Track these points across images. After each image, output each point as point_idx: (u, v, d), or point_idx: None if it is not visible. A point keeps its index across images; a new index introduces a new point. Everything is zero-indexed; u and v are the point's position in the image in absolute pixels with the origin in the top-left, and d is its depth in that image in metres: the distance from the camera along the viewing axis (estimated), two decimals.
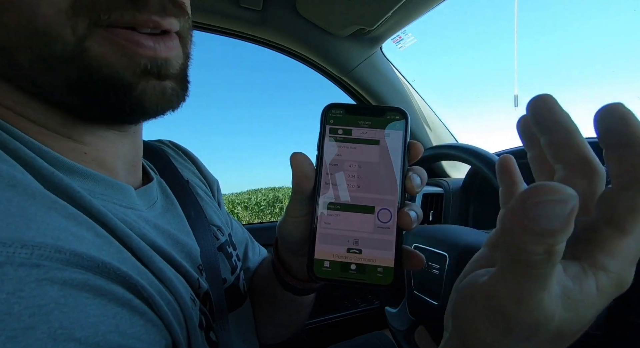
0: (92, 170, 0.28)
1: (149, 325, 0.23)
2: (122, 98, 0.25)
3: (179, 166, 0.44)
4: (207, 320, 0.32)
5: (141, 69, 0.24)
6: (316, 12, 0.83)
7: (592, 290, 0.16)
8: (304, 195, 0.28)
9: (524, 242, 0.14)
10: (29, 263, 0.18)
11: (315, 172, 0.27)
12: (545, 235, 0.14)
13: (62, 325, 0.18)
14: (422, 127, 1.11)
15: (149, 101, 0.25)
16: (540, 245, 0.14)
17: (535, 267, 0.15)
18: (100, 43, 0.23)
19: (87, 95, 0.25)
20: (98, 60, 0.23)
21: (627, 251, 0.16)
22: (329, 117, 0.28)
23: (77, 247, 0.21)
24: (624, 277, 0.17)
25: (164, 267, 0.28)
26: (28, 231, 0.19)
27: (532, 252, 0.14)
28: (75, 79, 0.24)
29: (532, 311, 0.16)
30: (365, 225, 0.27)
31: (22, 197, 0.21)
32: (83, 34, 0.23)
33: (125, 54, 0.24)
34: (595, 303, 0.17)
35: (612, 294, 0.17)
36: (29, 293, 0.18)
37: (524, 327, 0.16)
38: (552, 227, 0.14)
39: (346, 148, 0.27)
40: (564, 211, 0.14)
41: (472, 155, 0.57)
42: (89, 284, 0.20)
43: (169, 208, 0.37)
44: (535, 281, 0.15)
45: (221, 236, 0.42)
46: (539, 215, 0.14)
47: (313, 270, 0.27)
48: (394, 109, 0.28)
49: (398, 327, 0.68)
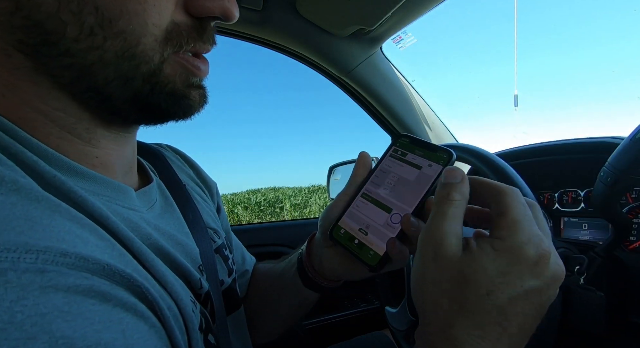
0: (94, 171, 0.29)
1: (152, 330, 0.23)
2: (180, 106, 0.30)
3: (177, 169, 0.45)
4: (207, 322, 0.32)
5: (192, 85, 0.31)
6: (316, 12, 0.83)
7: (487, 247, 0.25)
8: (356, 180, 0.38)
9: (438, 189, 0.28)
10: (34, 268, 0.18)
11: (371, 169, 0.38)
12: (447, 185, 0.28)
13: (64, 335, 0.18)
14: (422, 127, 1.11)
15: (198, 104, 0.32)
16: (444, 190, 0.28)
17: (439, 203, 0.27)
18: (172, 66, 0.29)
19: (148, 103, 0.29)
20: (167, 78, 0.28)
21: (508, 224, 0.25)
22: (397, 141, 0.38)
23: (82, 250, 0.21)
24: (515, 245, 0.24)
25: (165, 270, 0.28)
26: (33, 235, 0.19)
27: (439, 194, 0.28)
28: (146, 93, 0.28)
29: (433, 230, 0.26)
30: (380, 218, 0.35)
31: (26, 201, 0.21)
32: (165, 58, 0.28)
33: (187, 75, 0.30)
34: (495, 260, 0.24)
35: (511, 258, 0.24)
36: (33, 301, 0.18)
37: (429, 246, 0.26)
38: (450, 181, 0.28)
39: (397, 164, 0.36)
40: (457, 175, 0.28)
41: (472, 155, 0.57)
42: (94, 290, 0.20)
43: (168, 210, 0.37)
44: (437, 212, 0.27)
45: (217, 239, 0.43)
46: (445, 175, 0.28)
47: (332, 231, 0.37)
48: (445, 149, 0.34)
49: (398, 327, 0.68)
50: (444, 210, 0.27)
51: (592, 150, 0.68)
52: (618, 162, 0.48)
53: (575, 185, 0.73)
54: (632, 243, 0.61)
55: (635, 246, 0.61)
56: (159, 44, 0.27)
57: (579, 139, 0.72)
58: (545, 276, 0.24)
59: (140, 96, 0.28)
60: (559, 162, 0.75)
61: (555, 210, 0.75)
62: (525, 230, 0.25)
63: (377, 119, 1.11)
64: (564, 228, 0.74)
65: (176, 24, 0.28)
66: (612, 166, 0.49)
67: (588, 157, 0.69)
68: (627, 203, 0.64)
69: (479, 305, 0.23)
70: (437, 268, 0.25)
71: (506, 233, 0.25)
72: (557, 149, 0.75)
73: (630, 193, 0.64)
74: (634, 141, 0.47)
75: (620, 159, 0.48)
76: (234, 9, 0.30)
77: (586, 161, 0.69)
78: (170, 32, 0.27)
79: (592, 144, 0.69)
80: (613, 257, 0.59)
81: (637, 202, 0.63)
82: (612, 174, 0.48)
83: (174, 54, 0.28)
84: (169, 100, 0.29)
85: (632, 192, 0.64)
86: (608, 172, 0.49)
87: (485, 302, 0.23)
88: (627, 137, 0.48)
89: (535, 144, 0.81)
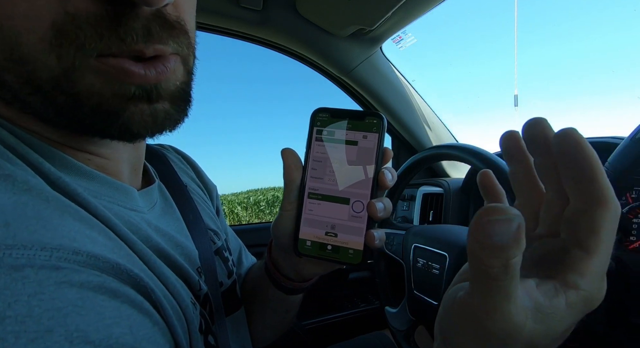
0: (98, 172, 0.29)
1: (156, 327, 0.24)
2: (110, 124, 0.24)
3: (179, 171, 0.45)
4: (207, 323, 0.33)
5: (129, 96, 0.24)
6: (316, 12, 0.83)
7: (562, 306, 0.18)
8: (294, 185, 0.32)
9: (482, 257, 0.16)
10: (49, 265, 0.19)
11: (303, 165, 0.32)
12: (498, 250, 0.16)
13: (79, 328, 0.18)
14: (422, 127, 1.11)
15: (137, 126, 0.25)
16: (496, 259, 0.16)
17: (496, 280, 0.17)
18: (90, 72, 0.22)
19: (75, 119, 0.24)
20: (88, 89, 0.23)
21: (594, 269, 0.18)
22: (316, 120, 0.32)
23: (93, 249, 0.21)
24: (594, 293, 0.18)
25: (165, 270, 0.28)
26: (46, 233, 0.20)
27: (490, 265, 0.16)
28: (63, 104, 0.23)
29: (500, 321, 0.17)
30: (341, 213, 0.31)
31: (37, 200, 0.21)
32: (72, 63, 0.22)
33: (113, 83, 0.23)
34: (565, 317, 0.18)
35: (583, 310, 0.18)
36: (49, 296, 0.18)
37: (496, 337, 0.18)
38: (502, 242, 0.16)
39: (329, 147, 0.32)
40: (510, 228, 0.16)
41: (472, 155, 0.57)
42: (105, 286, 0.21)
43: (168, 211, 0.37)
44: (498, 293, 0.17)
45: (217, 240, 0.43)
46: (490, 232, 0.16)
47: (297, 248, 0.32)
48: (372, 113, 0.31)
49: (398, 327, 0.68)
50: (507, 289, 0.17)
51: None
52: (618, 162, 0.48)
53: None
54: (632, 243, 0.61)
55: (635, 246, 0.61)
56: (49, 43, 0.21)
57: None
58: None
59: (64, 111, 0.24)
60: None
61: None
62: (604, 274, 0.18)
63: None
64: None
65: (70, 15, 0.21)
66: (612, 166, 0.49)
67: None
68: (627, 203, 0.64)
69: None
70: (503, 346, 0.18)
71: (587, 282, 0.18)
72: None
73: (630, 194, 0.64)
74: (634, 141, 0.47)
75: (620, 159, 0.48)
76: None
77: None
78: (62, 29, 0.21)
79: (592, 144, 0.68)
80: (613, 257, 0.59)
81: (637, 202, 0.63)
82: (612, 174, 0.49)
83: (91, 59, 0.22)
84: (95, 118, 0.24)
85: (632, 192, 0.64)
86: (608, 172, 0.49)
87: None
88: (627, 137, 0.48)
89: None
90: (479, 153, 0.57)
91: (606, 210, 0.17)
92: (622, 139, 0.50)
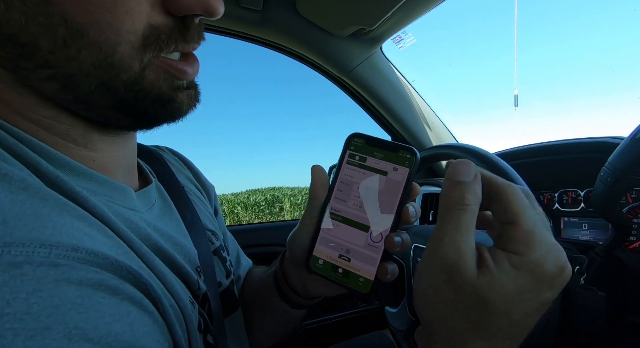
0: (96, 171, 0.29)
1: (155, 325, 0.24)
2: (166, 108, 0.29)
3: (176, 172, 0.45)
4: (205, 322, 0.33)
5: (178, 86, 0.30)
6: (316, 12, 0.83)
7: (506, 265, 0.23)
8: (317, 202, 0.33)
9: (446, 190, 0.24)
10: (48, 262, 0.19)
11: (330, 184, 0.33)
12: (457, 183, 0.24)
13: (77, 326, 0.19)
14: (422, 127, 1.11)
15: (187, 106, 0.31)
16: (455, 191, 0.24)
17: (451, 209, 0.24)
18: (155, 71, 0.27)
19: (134, 110, 0.28)
20: (151, 84, 0.27)
21: (523, 236, 0.23)
22: (350, 144, 0.33)
23: (92, 246, 0.21)
24: (539, 260, 0.22)
25: (164, 269, 0.28)
26: (44, 231, 0.20)
27: (450, 197, 0.24)
28: (131, 100, 0.27)
29: (447, 246, 0.23)
30: (359, 239, 0.31)
31: (35, 199, 0.21)
32: (146, 64, 0.27)
33: (172, 80, 0.29)
34: (515, 278, 0.22)
35: (534, 275, 0.22)
36: (48, 293, 0.18)
37: (442, 266, 0.23)
38: (462, 179, 0.24)
39: (358, 172, 0.32)
40: (470, 172, 0.24)
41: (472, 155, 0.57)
42: (104, 284, 0.21)
43: (167, 211, 0.37)
44: (450, 221, 0.23)
45: (215, 241, 0.43)
46: (456, 170, 0.24)
47: (309, 264, 0.33)
48: (406, 148, 0.31)
49: (398, 327, 0.68)
50: (458, 219, 0.23)
51: (592, 150, 0.68)
52: (618, 162, 0.48)
53: (575, 185, 0.73)
54: (632, 243, 0.61)
55: (635, 246, 0.61)
56: (137, 50, 0.26)
57: (579, 139, 0.72)
58: (561, 286, 0.24)
59: (126, 103, 0.27)
60: (559, 162, 0.75)
61: (555, 210, 0.75)
62: (542, 243, 0.23)
63: (377, 119, 1.11)
64: (564, 228, 0.74)
65: (154, 28, 0.26)
66: (612, 166, 0.49)
67: (588, 157, 0.69)
68: (627, 203, 0.64)
69: (496, 325, 0.23)
70: (452, 291, 0.23)
71: (523, 248, 0.23)
72: (557, 148, 0.75)
73: (630, 194, 0.64)
74: (634, 141, 0.47)
75: (620, 158, 0.48)
76: (217, 3, 0.27)
77: (586, 161, 0.69)
78: (148, 37, 0.26)
79: (592, 144, 0.69)
80: (613, 257, 0.59)
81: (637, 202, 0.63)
82: (612, 174, 0.49)
83: (155, 58, 0.27)
84: (155, 106, 0.28)
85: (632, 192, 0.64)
86: (608, 172, 0.49)
87: (502, 321, 0.23)
88: (627, 137, 0.48)
89: (535, 143, 0.81)
90: (479, 153, 0.57)
91: (506, 193, 0.24)
92: (622, 139, 0.50)
